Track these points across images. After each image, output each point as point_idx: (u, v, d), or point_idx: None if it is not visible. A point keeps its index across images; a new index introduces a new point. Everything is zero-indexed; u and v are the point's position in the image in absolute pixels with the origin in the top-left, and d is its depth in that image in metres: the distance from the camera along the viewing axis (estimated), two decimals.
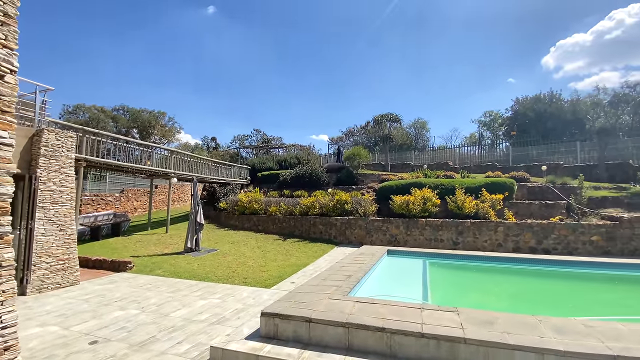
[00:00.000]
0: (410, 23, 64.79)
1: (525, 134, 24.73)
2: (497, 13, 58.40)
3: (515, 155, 21.10)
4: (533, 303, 6.51)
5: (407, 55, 69.01)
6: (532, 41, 59.79)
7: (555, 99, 25.56)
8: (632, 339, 3.04)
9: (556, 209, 11.24)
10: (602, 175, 15.37)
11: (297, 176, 17.53)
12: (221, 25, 67.05)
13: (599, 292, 7.36)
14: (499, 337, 3.09)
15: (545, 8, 55.33)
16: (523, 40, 60.65)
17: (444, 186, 12.54)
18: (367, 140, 37.98)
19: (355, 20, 67.30)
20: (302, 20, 70.24)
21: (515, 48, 62.14)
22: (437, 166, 21.28)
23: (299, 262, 9.33)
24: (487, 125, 35.33)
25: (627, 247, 9.28)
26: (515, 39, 61.25)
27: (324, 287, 4.99)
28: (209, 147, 51.19)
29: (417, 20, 64.07)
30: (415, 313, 3.74)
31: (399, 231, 11.53)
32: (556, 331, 3.20)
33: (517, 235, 10.14)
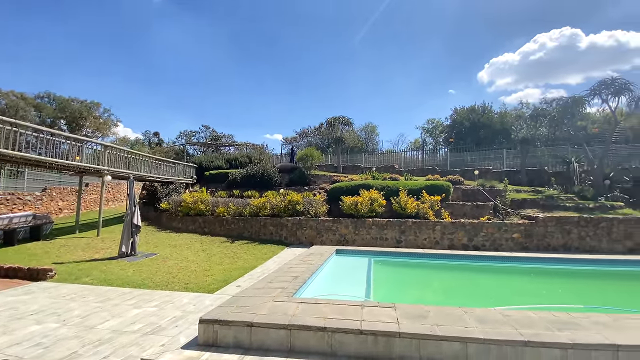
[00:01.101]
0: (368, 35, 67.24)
1: (461, 141, 27.12)
2: (442, 30, 63.37)
3: (453, 160, 22.99)
4: (465, 295, 7.15)
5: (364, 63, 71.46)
6: (471, 57, 66.02)
7: (487, 111, 28.50)
8: (541, 325, 3.48)
9: (485, 210, 12.50)
10: (523, 179, 17.48)
11: (248, 176, 17.08)
12: (169, 13, 62.84)
13: (518, 283, 8.34)
14: (429, 329, 3.32)
15: (482, 28, 61.44)
16: (463, 56, 66.66)
17: (389, 188, 13.20)
18: (320, 141, 38.42)
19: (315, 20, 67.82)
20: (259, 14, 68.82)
21: (456, 62, 68.01)
22: (385, 169, 22.35)
23: (247, 264, 9.08)
24: (429, 131, 38.00)
25: (542, 243, 10.67)
26: (456, 54, 67.02)
27: (269, 290, 4.92)
28: (150, 142, 47.54)
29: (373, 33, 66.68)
30: (356, 311, 3.86)
31: (348, 231, 11.85)
32: (478, 321, 3.55)
33: (452, 234, 11.06)
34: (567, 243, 10.49)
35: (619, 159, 17.51)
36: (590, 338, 3.14)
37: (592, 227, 10.42)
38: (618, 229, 10.30)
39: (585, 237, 10.41)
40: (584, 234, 10.43)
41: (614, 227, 10.32)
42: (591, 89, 14.19)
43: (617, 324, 3.52)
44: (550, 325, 3.43)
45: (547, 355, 3.06)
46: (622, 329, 3.38)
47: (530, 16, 58.22)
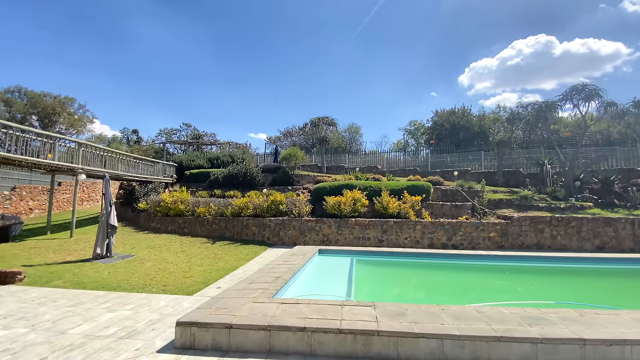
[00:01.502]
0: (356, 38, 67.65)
1: (442, 142, 27.80)
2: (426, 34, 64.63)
3: (433, 162, 23.52)
4: (444, 293, 7.33)
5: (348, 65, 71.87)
6: (452, 61, 67.75)
7: (466, 113, 29.34)
8: (513, 321, 3.61)
9: (463, 209, 12.85)
10: (500, 180, 18.09)
11: (230, 175, 16.82)
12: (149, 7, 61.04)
13: (495, 281, 8.62)
14: (408, 327, 3.39)
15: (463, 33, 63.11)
16: (444, 60, 68.30)
17: (372, 188, 13.34)
18: (304, 141, 38.41)
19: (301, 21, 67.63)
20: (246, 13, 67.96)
21: (438, 66, 69.61)
22: (368, 169, 22.60)
23: (228, 265, 8.95)
24: (411, 133, 38.75)
25: (517, 242, 11.07)
26: (438, 58, 68.56)
27: (249, 291, 4.87)
28: (129, 140, 46.06)
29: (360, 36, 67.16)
30: (336, 310, 3.88)
31: (331, 231, 11.89)
32: (454, 318, 3.64)
33: (432, 233, 11.31)
34: (540, 242, 10.93)
35: (588, 161, 18.43)
36: (559, 333, 3.29)
37: (563, 226, 10.91)
38: (587, 228, 10.83)
39: (557, 236, 10.89)
40: (555, 233, 10.90)
41: (584, 227, 10.85)
42: (563, 94, 14.86)
43: (584, 319, 3.71)
44: (522, 321, 3.57)
45: (518, 350, 3.18)
46: (589, 324, 3.56)
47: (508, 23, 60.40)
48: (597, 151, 19.15)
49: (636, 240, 10.61)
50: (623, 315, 3.85)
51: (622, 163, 17.83)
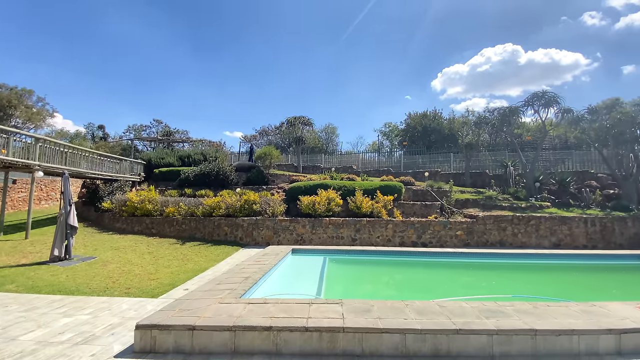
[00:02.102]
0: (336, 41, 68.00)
1: (414, 144, 28.62)
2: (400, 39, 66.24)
3: (406, 163, 24.14)
4: (412, 289, 7.56)
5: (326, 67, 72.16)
6: (425, 66, 69.94)
7: (437, 117, 30.41)
8: (472, 314, 3.78)
9: (433, 209, 13.30)
10: (467, 181, 18.88)
11: (202, 174, 16.35)
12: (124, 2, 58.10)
13: (460, 277, 9.00)
14: (372, 323, 3.45)
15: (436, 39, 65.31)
16: (419, 65, 70.36)
17: (346, 188, 13.49)
18: (281, 140, 38.11)
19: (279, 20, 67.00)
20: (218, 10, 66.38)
21: (412, 71, 71.58)
22: (344, 169, 22.81)
23: (197, 267, 8.70)
24: (386, 134, 39.59)
25: (482, 239, 11.61)
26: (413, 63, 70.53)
27: (216, 292, 4.77)
28: (94, 136, 43.62)
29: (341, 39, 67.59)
30: (304, 308, 3.89)
31: (305, 230, 11.89)
32: (418, 313, 3.76)
33: (403, 232, 11.61)
34: (502, 239, 11.54)
35: (547, 164, 19.67)
36: (513, 324, 3.49)
37: (523, 225, 11.58)
38: (545, 227, 11.56)
39: (518, 234, 11.54)
40: (516, 231, 11.55)
41: (542, 225, 11.57)
42: (525, 100, 15.80)
43: (537, 311, 3.95)
44: (480, 314, 3.75)
45: (475, 341, 3.34)
46: (541, 316, 3.80)
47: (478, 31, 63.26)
48: (555, 154, 20.49)
49: (589, 238, 11.46)
50: (572, 307, 4.14)
51: (577, 166, 19.19)
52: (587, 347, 3.42)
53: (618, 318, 3.75)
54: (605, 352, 3.43)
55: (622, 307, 4.17)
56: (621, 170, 14.49)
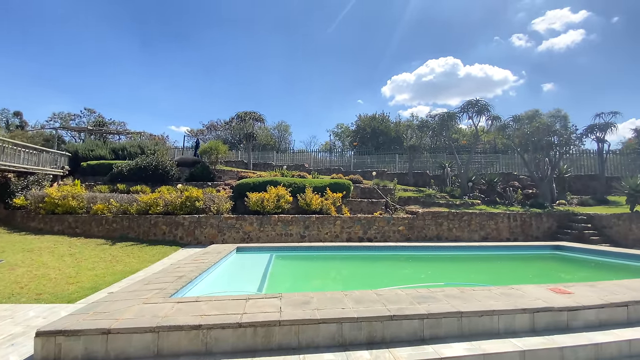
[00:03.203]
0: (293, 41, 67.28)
1: (364, 145, 29.63)
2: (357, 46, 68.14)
3: (356, 162, 24.87)
4: (357, 282, 7.70)
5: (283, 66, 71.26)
6: (377, 72, 72.92)
7: (385, 120, 31.88)
8: (406, 301, 3.90)
9: (378, 206, 13.81)
10: (410, 180, 20.03)
11: (138, 168, 14.95)
12: None
13: (401, 269, 9.43)
14: (310, 314, 3.37)
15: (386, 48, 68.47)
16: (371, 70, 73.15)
17: (296, 185, 13.37)
18: (231, 136, 36.71)
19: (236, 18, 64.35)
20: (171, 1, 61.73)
21: (365, 76, 74.13)
22: (296, 167, 22.71)
23: (128, 268, 7.90)
24: (338, 135, 40.40)
25: (421, 234, 12.33)
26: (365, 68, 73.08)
27: (142, 292, 4.31)
28: (9, 124, 37.70)
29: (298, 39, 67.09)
30: (239, 304, 3.67)
31: (252, 228, 11.51)
32: (356, 302, 3.78)
33: (350, 228, 11.86)
34: (439, 234, 12.40)
35: (479, 165, 21.72)
36: (442, 308, 3.67)
37: (457, 220, 12.57)
38: (475, 222, 12.68)
39: (452, 228, 12.49)
40: (451, 226, 12.50)
41: (473, 220, 12.67)
42: (461, 107, 17.22)
43: (463, 295, 4.22)
44: (413, 300, 3.89)
45: (407, 326, 3.44)
46: (467, 299, 4.06)
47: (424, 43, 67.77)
48: (486, 158, 22.72)
49: (511, 231, 12.82)
50: (494, 291, 4.51)
51: (503, 168, 21.50)
52: (505, 325, 3.72)
53: (532, 299, 4.16)
54: (521, 329, 3.78)
55: (536, 289, 4.65)
56: (538, 172, 16.51)
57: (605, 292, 4.55)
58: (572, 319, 3.94)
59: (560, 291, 4.48)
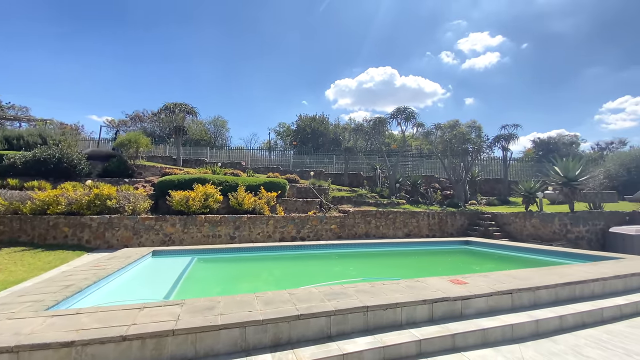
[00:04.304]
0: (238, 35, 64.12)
1: (305, 145, 29.80)
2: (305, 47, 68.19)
3: (295, 162, 24.89)
4: (284, 282, 7.58)
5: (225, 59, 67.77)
6: (321, 75, 74.07)
7: (325, 121, 32.52)
8: (317, 299, 3.89)
9: (313, 205, 13.94)
10: (346, 181, 20.70)
11: (37, 161, 12.71)
12: None
13: (332, 266, 9.59)
14: (211, 320, 3.14)
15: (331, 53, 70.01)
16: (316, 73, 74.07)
17: (228, 183, 12.76)
18: (160, 129, 33.85)
19: None
20: None
21: (310, 78, 74.76)
22: (232, 165, 21.80)
23: (12, 278, 6.62)
24: (280, 134, 40.00)
25: (352, 232, 12.76)
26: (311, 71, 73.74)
27: (12, 306, 3.59)
28: None
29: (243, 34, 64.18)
30: (130, 315, 3.26)
31: (175, 229, 10.64)
32: (265, 303, 3.64)
33: (283, 227, 11.73)
34: (368, 231, 12.99)
35: (407, 168, 23.44)
36: (350, 303, 3.74)
37: (384, 218, 13.32)
38: (400, 220, 13.58)
39: (380, 226, 13.20)
40: (379, 224, 13.19)
41: (397, 218, 13.55)
42: (391, 113, 18.36)
43: (373, 290, 4.38)
44: (324, 298, 3.90)
45: (315, 324, 3.42)
46: (375, 293, 4.22)
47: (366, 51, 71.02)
48: (413, 161, 24.64)
49: (430, 228, 14.01)
50: (401, 284, 4.78)
51: (427, 171, 23.55)
52: (407, 317, 3.95)
53: (432, 290, 4.50)
54: (421, 320, 4.04)
55: (438, 281, 5.06)
56: (455, 175, 18.39)
57: (495, 281, 5.14)
58: (465, 307, 4.35)
59: (457, 282, 4.95)
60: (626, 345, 3.99)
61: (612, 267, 6.42)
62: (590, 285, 5.43)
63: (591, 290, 5.43)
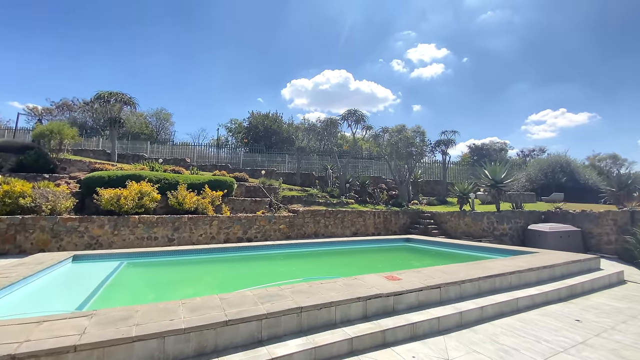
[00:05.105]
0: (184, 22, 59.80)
1: (257, 143, 29.11)
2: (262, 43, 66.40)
3: (247, 160, 24.17)
4: (227, 284, 7.24)
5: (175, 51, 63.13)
6: (278, 74, 72.98)
7: (278, 120, 32.12)
8: (250, 302, 3.72)
9: (262, 205, 13.62)
10: (298, 180, 20.63)
11: None
12: None
13: (279, 266, 9.44)
14: (123, 332, 2.83)
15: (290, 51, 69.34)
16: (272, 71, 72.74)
17: (167, 181, 11.89)
18: (93, 121, 30.64)
19: None
20: None
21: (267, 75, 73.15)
22: (175, 162, 20.45)
23: None
24: (231, 131, 38.56)
25: (301, 231, 12.71)
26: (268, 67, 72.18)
27: None
28: None
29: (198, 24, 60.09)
30: (25, 330, 2.81)
31: (103, 231, 9.61)
32: (191, 310, 3.40)
33: (229, 228, 11.26)
34: (317, 230, 13.06)
35: (358, 169, 24.12)
36: (284, 305, 3.66)
37: (333, 218, 13.51)
38: (348, 219, 13.88)
39: (329, 225, 13.35)
40: (328, 223, 13.34)
41: (346, 217, 13.84)
42: (342, 115, 18.77)
43: (310, 290, 4.35)
44: (258, 301, 3.77)
45: (245, 329, 3.28)
46: (312, 293, 4.19)
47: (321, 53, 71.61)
48: (363, 163, 25.44)
49: (376, 227, 14.53)
50: (339, 282, 4.82)
51: (376, 172, 24.48)
52: (341, 315, 3.98)
53: (368, 287, 4.61)
54: (355, 317, 4.11)
55: (374, 277, 5.21)
56: (400, 177, 19.35)
57: (427, 276, 5.45)
58: (397, 303, 4.53)
59: (392, 278, 5.15)
60: (536, 332, 4.47)
61: (527, 261, 7.21)
62: (508, 277, 6.02)
63: (509, 282, 6.02)
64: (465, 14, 60.00)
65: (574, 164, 23.85)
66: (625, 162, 41.17)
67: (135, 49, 61.41)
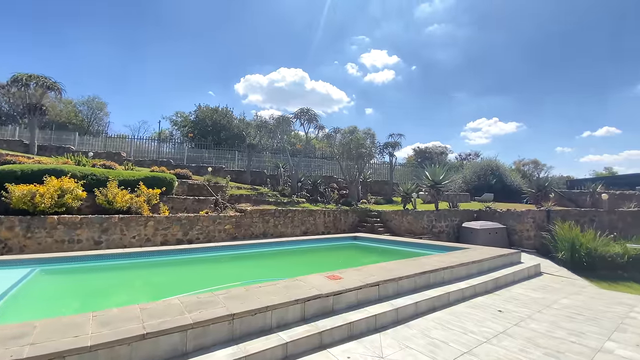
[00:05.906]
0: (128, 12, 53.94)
1: (204, 138, 27.64)
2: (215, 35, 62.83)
3: (192, 156, 22.82)
4: (158, 291, 6.63)
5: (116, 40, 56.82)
6: (231, 68, 70.02)
7: (228, 114, 30.86)
8: (175, 312, 3.39)
9: (206, 204, 12.90)
10: (248, 179, 20.00)
11: None
12: None
13: (219, 270, 8.96)
14: (11, 353, 2.37)
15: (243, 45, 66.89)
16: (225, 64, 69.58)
17: (95, 177, 10.66)
18: (9, 106, 26.65)
19: None
20: None
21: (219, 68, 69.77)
22: (108, 156, 18.56)
23: None
24: (177, 124, 36.15)
25: (248, 232, 12.28)
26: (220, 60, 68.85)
27: None
28: None
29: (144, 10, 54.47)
30: None
31: (13, 234, 8.28)
32: (102, 324, 3.00)
33: (167, 229, 10.45)
34: (266, 230, 12.74)
35: (311, 168, 24.16)
36: (214, 313, 3.41)
37: (283, 217, 13.30)
38: (298, 218, 13.77)
39: (278, 225, 13.11)
40: (277, 223, 13.10)
41: (296, 217, 13.72)
42: (295, 113, 18.63)
43: (247, 294, 4.14)
44: (185, 309, 3.47)
45: (166, 342, 2.98)
46: (247, 298, 3.99)
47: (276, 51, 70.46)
48: (316, 162, 25.59)
49: (326, 226, 14.64)
50: (279, 284, 4.68)
51: (328, 172, 24.77)
52: (278, 320, 3.85)
53: (308, 288, 4.53)
54: (293, 320, 3.99)
55: (316, 278, 5.16)
56: (350, 177, 19.79)
57: (366, 274, 5.54)
58: (336, 303, 4.52)
59: (333, 277, 5.14)
60: (464, 324, 4.77)
61: (459, 256, 7.76)
62: (441, 273, 6.39)
63: (442, 277, 6.40)
64: (414, 24, 63.51)
65: (502, 167, 26.57)
66: (545, 166, 47.24)
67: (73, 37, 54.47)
